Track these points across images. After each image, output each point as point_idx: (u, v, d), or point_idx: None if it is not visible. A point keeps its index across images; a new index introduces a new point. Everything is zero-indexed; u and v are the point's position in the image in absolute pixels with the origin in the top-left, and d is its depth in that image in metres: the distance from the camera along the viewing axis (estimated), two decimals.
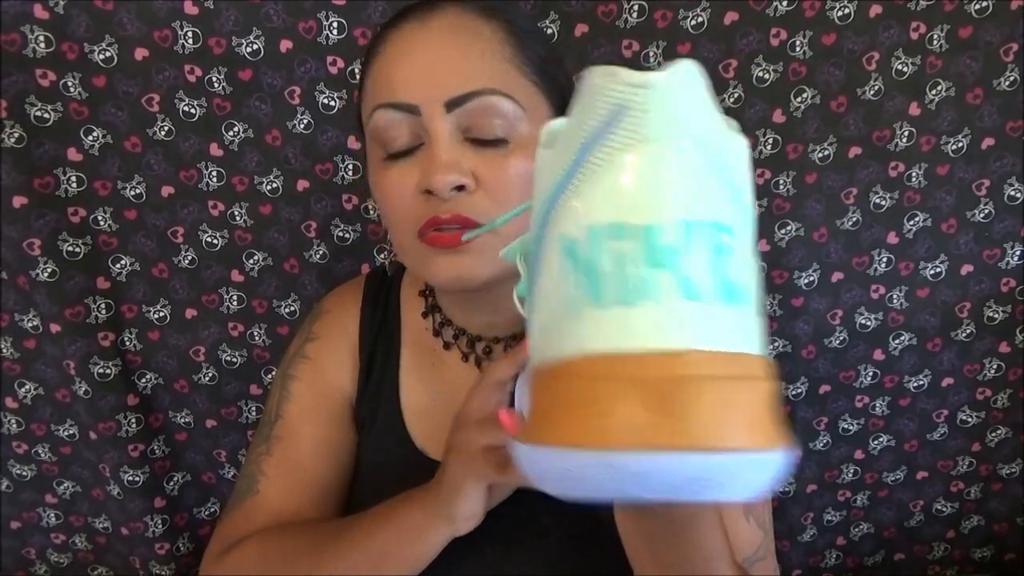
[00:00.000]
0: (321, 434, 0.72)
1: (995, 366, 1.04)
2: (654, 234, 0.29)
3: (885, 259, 0.99)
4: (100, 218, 0.94)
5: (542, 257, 0.33)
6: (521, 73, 0.62)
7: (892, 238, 0.98)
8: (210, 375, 1.02)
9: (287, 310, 1.01)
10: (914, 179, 0.96)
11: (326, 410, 0.73)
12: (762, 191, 0.96)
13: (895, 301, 1.00)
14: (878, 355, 1.03)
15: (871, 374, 1.04)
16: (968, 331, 1.02)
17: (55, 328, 0.95)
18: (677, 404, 0.28)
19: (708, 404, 0.28)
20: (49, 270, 0.93)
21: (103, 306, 0.97)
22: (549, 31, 0.88)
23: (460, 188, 0.60)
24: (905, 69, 0.91)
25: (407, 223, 0.62)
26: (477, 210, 0.60)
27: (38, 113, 0.88)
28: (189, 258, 0.97)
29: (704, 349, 0.29)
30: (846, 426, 1.07)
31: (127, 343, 1.00)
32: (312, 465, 0.71)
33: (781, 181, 0.96)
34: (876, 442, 1.08)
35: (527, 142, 0.61)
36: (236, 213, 0.96)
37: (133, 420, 1.01)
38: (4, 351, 0.98)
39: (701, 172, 0.30)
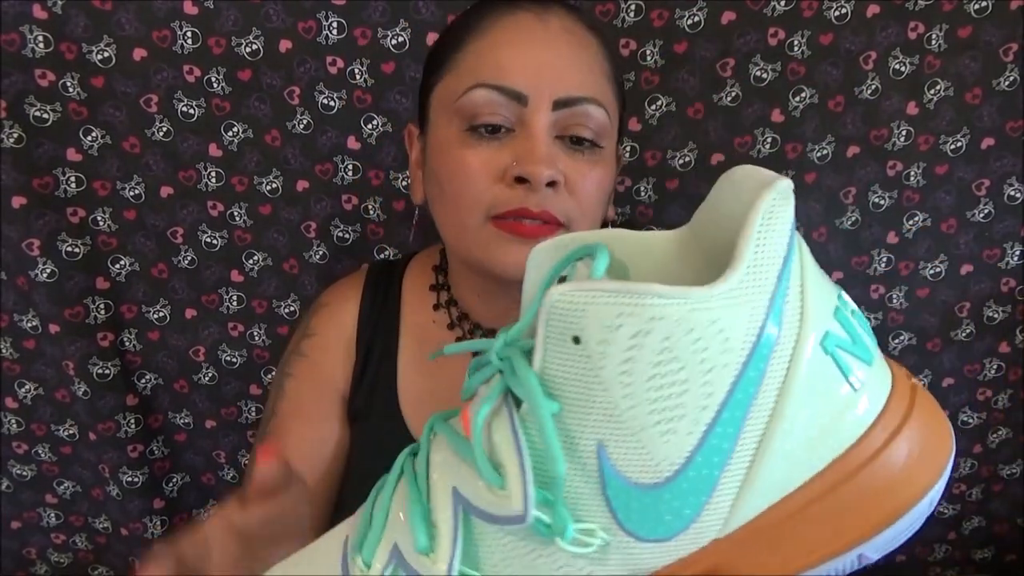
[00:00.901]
0: (311, 432, 0.73)
1: (995, 366, 1.04)
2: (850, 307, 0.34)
3: (885, 259, 0.99)
4: (99, 218, 0.94)
5: (780, 402, 0.30)
6: (612, 92, 0.65)
7: (892, 238, 0.98)
8: (210, 375, 1.02)
9: (287, 310, 1.01)
10: (912, 178, 0.95)
11: (319, 408, 0.74)
12: None
13: (895, 301, 1.00)
14: None
15: None
16: (968, 331, 1.02)
17: (54, 328, 0.95)
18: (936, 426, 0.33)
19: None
20: (48, 270, 0.93)
21: (102, 306, 0.97)
22: None
23: (551, 184, 0.60)
24: (903, 69, 0.91)
25: (481, 204, 0.62)
26: (563, 210, 0.62)
27: (37, 113, 0.88)
28: (188, 258, 0.97)
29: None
30: None
31: (127, 343, 1.00)
32: (298, 464, 0.71)
33: None
34: None
35: (606, 157, 0.65)
36: (235, 213, 0.96)
37: (132, 420, 1.01)
38: (4, 351, 0.98)
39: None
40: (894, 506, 0.31)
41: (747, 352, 0.29)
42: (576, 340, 0.29)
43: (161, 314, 0.99)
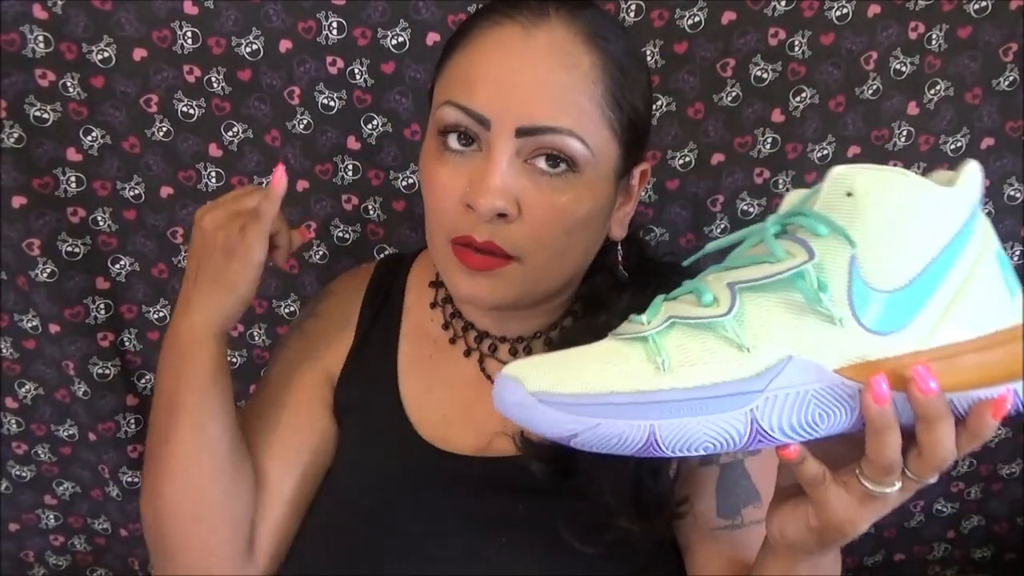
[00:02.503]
0: (289, 397, 0.74)
1: None
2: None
3: None
4: (100, 218, 0.94)
5: (972, 271, 0.47)
6: (603, 116, 0.60)
7: None
8: None
9: (287, 310, 1.01)
10: None
11: (303, 378, 0.74)
12: (762, 191, 0.96)
13: None
14: None
15: None
16: None
17: (55, 328, 0.95)
18: None
19: None
20: (49, 270, 0.93)
21: (102, 306, 0.97)
22: None
23: (502, 215, 0.59)
24: (904, 69, 0.91)
25: (444, 225, 0.62)
26: (513, 241, 0.60)
27: (37, 113, 0.88)
28: None
29: None
30: None
31: (127, 343, 1.00)
32: (271, 419, 0.72)
33: (780, 181, 0.95)
34: None
35: (584, 184, 0.61)
36: None
37: (132, 421, 1.01)
38: (4, 351, 0.98)
39: None
40: None
41: (957, 229, 0.46)
42: (849, 194, 0.46)
43: (161, 314, 0.99)
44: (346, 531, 0.68)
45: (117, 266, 0.97)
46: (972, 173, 0.48)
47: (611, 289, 0.70)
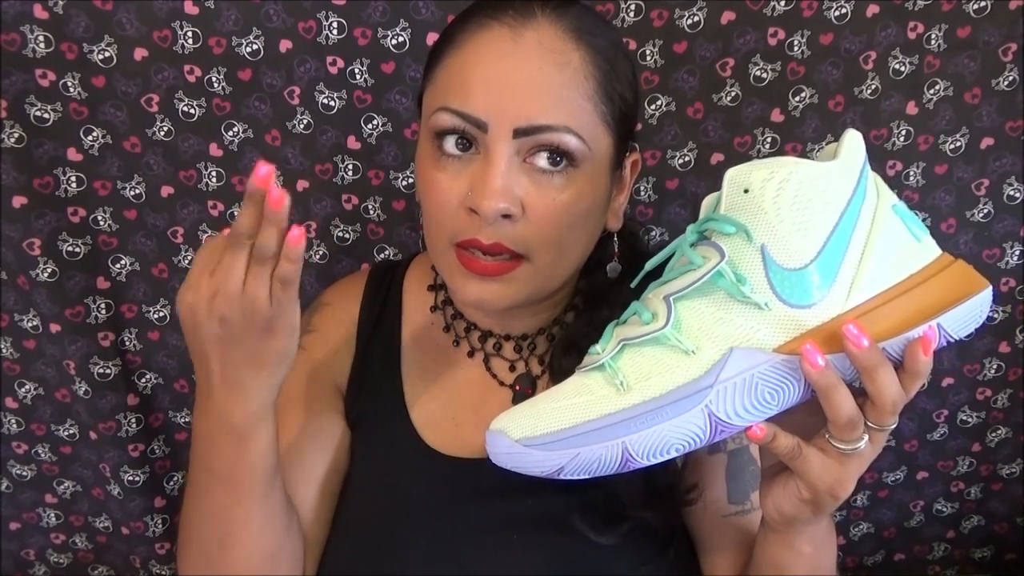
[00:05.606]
0: (308, 422, 0.72)
1: (995, 366, 1.04)
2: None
3: None
4: (100, 218, 0.94)
5: (872, 229, 0.51)
6: (596, 110, 0.61)
7: None
8: None
9: None
10: (912, 178, 0.96)
11: (316, 399, 0.73)
12: None
13: None
14: None
15: None
16: None
17: (55, 328, 0.95)
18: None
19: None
20: (49, 270, 0.93)
21: (103, 306, 0.97)
22: None
23: (506, 216, 0.59)
24: (903, 68, 0.91)
25: (446, 230, 0.62)
26: (519, 240, 0.60)
27: (38, 113, 0.88)
28: (189, 258, 0.97)
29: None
30: None
31: (127, 343, 1.00)
32: (294, 449, 0.70)
33: None
34: None
35: (583, 178, 0.61)
36: (236, 213, 0.96)
37: (133, 420, 1.01)
38: (4, 351, 0.98)
39: None
40: (960, 294, 0.50)
41: (849, 196, 0.50)
42: (746, 190, 0.51)
43: (161, 314, 1.00)
44: (359, 544, 0.68)
45: (117, 266, 0.97)
46: (852, 142, 0.52)
47: (611, 283, 0.70)
